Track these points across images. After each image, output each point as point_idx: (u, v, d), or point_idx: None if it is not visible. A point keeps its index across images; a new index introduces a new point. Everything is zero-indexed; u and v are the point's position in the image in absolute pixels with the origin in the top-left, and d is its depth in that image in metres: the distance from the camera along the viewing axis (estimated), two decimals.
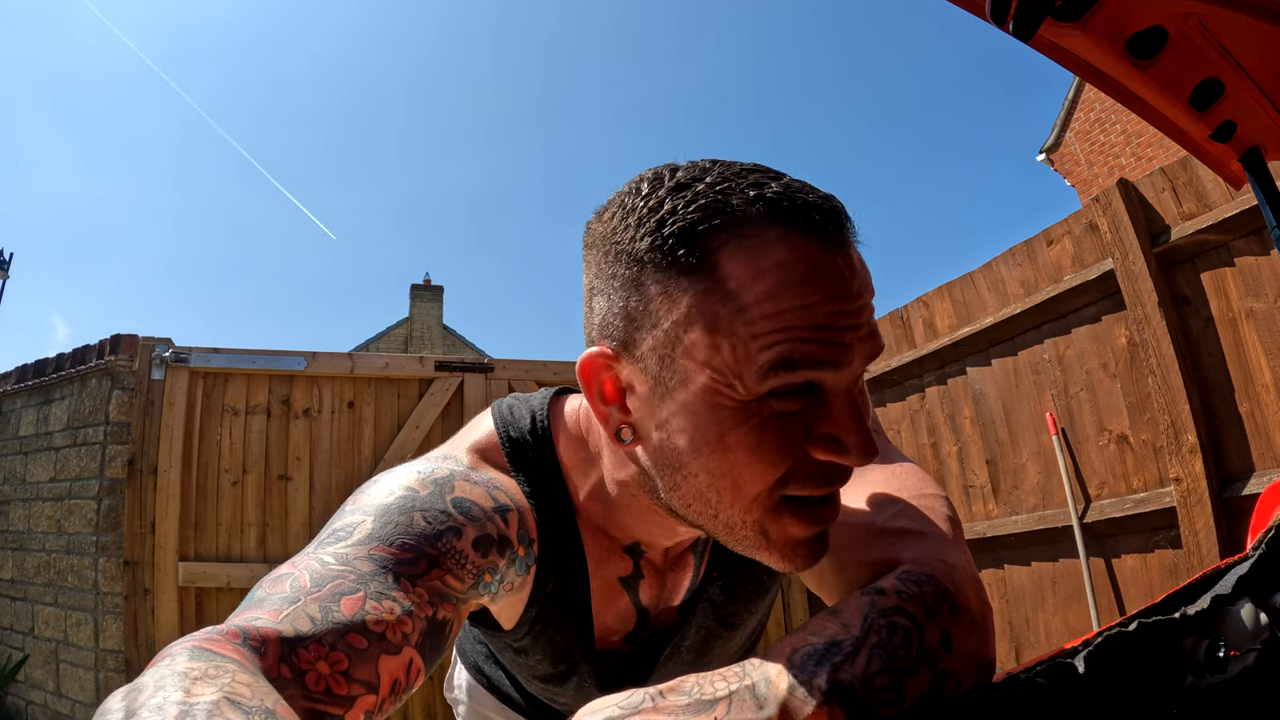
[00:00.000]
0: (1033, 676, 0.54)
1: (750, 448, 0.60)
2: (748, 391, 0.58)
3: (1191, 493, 2.90)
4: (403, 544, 0.64)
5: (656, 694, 0.54)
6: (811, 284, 0.58)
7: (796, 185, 0.62)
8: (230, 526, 4.08)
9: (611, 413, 0.68)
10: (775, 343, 0.57)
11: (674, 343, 0.61)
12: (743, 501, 0.63)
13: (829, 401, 0.60)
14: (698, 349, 0.60)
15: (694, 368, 0.60)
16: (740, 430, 0.60)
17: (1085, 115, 13.55)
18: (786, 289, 0.58)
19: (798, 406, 0.60)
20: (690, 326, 0.60)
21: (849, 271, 0.60)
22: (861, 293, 0.60)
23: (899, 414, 4.28)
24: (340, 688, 0.53)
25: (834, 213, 0.61)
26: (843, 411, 0.60)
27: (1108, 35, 1.01)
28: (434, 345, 20.11)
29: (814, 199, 0.61)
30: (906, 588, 0.60)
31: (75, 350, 4.38)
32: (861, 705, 0.53)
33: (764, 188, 0.60)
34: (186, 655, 0.45)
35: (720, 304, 0.59)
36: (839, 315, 0.58)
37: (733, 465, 0.61)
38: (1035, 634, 3.56)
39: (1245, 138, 1.22)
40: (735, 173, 0.62)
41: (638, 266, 0.62)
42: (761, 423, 0.60)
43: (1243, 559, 0.65)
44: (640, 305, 0.62)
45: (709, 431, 0.61)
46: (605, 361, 0.66)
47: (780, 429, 0.60)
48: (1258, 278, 2.81)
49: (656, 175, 0.64)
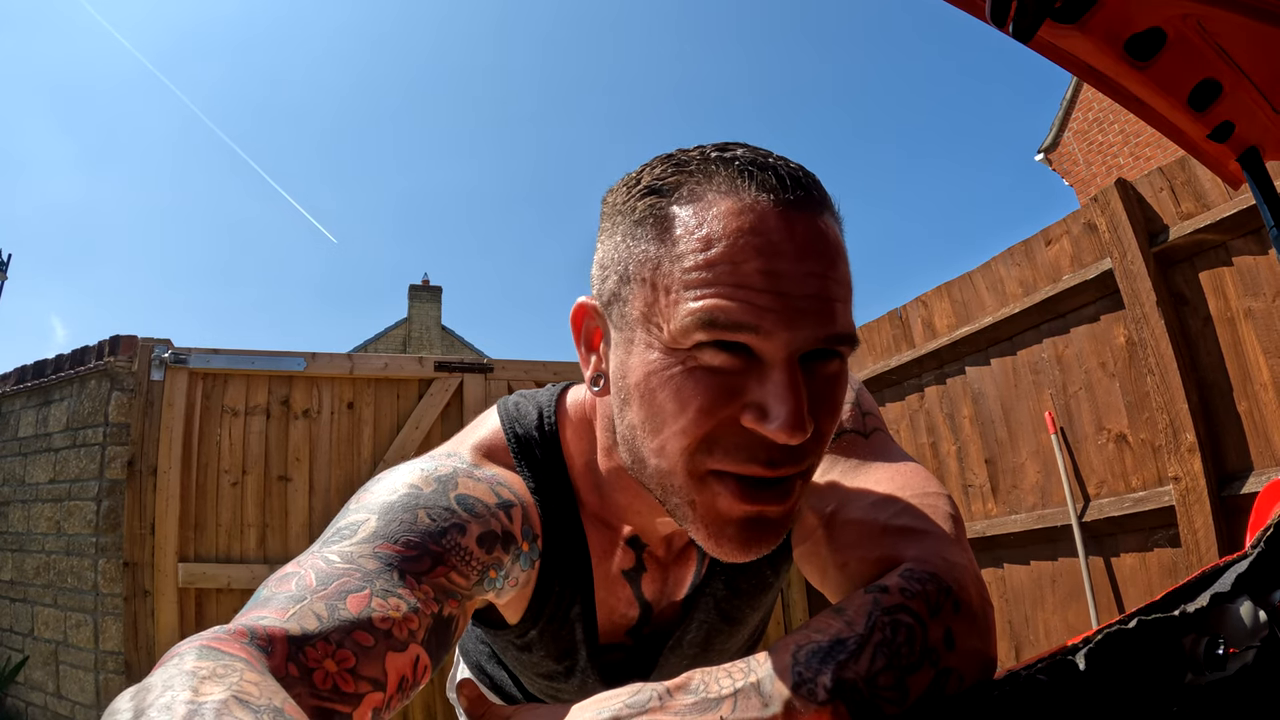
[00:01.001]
0: (1034, 673, 0.54)
1: (672, 395, 0.60)
2: (673, 340, 0.59)
3: (1190, 491, 2.91)
4: (407, 541, 0.65)
5: (664, 692, 0.54)
6: (749, 239, 0.58)
7: (766, 153, 0.63)
8: (230, 527, 4.08)
9: (591, 360, 0.70)
10: (701, 296, 0.57)
11: (624, 287, 0.64)
12: (667, 459, 0.62)
13: (765, 368, 0.58)
14: (639, 294, 0.62)
15: (635, 313, 0.63)
16: (664, 375, 0.60)
17: (1083, 115, 13.56)
18: (722, 239, 0.58)
19: (731, 366, 0.59)
20: (638, 272, 0.62)
21: (797, 232, 0.59)
22: (812, 258, 0.59)
23: (898, 413, 4.29)
24: (348, 685, 0.53)
25: (796, 178, 0.61)
26: (776, 381, 0.58)
27: (1107, 36, 1.01)
28: (433, 346, 20.10)
29: (779, 164, 0.61)
30: (910, 586, 0.60)
31: (74, 351, 4.38)
32: (865, 703, 0.53)
33: (728, 150, 0.62)
34: (194, 654, 0.45)
35: (662, 250, 0.61)
36: (775, 277, 0.57)
37: (656, 413, 0.62)
38: (1035, 633, 3.56)
39: (1243, 138, 1.23)
40: (718, 145, 0.64)
41: (614, 220, 0.66)
42: (686, 373, 0.59)
43: (1242, 557, 0.65)
44: (610, 255, 0.66)
45: (640, 375, 0.62)
46: (589, 310, 0.70)
47: (706, 382, 0.59)
48: (1256, 277, 2.81)
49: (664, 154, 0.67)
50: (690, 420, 0.59)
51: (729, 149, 0.63)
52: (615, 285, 0.65)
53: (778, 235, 0.58)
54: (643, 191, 0.64)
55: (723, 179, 0.60)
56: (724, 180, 0.60)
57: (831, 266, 0.60)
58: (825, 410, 0.62)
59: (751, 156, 0.62)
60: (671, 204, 0.62)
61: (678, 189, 0.62)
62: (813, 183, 0.62)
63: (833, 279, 0.60)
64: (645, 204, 0.63)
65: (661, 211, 0.62)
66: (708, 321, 0.57)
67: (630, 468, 0.68)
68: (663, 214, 0.62)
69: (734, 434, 0.60)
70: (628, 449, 0.67)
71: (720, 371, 0.59)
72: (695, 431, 0.60)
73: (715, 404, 0.59)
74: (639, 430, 0.64)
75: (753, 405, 0.58)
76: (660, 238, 0.61)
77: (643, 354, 0.62)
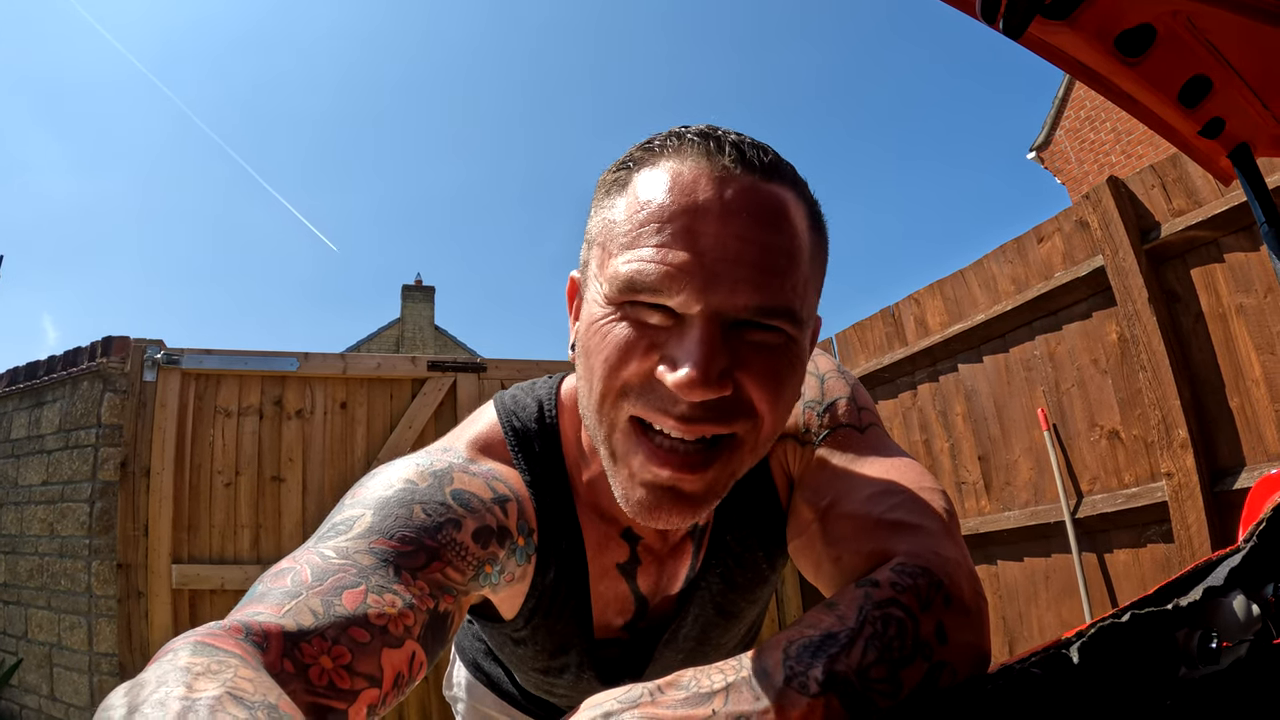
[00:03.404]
0: (1028, 667, 0.55)
1: (599, 343, 0.64)
2: (610, 294, 0.63)
3: (1183, 487, 2.92)
4: (403, 537, 0.65)
5: (655, 689, 0.54)
6: (677, 199, 0.61)
7: (729, 132, 0.66)
8: (223, 528, 4.06)
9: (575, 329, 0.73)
10: (630, 261, 0.61)
11: (588, 251, 0.69)
12: (594, 402, 0.66)
13: (684, 326, 0.61)
14: (595, 256, 0.67)
15: (591, 274, 0.68)
16: (598, 325, 0.64)
17: (1075, 113, 13.59)
18: (654, 201, 0.62)
19: (659, 322, 0.62)
20: (596, 236, 0.68)
21: (729, 198, 0.61)
22: (740, 223, 0.61)
23: (891, 411, 4.30)
24: (344, 681, 0.53)
25: (740, 148, 0.63)
26: (689, 338, 0.60)
27: (1097, 33, 1.02)
28: (425, 345, 20.07)
29: (731, 137, 0.65)
30: (901, 580, 0.60)
31: (66, 353, 4.36)
32: (858, 696, 0.54)
33: (691, 128, 0.66)
34: (189, 650, 0.45)
35: (613, 214, 0.66)
36: (693, 235, 0.60)
37: (589, 361, 0.66)
38: (1029, 628, 3.58)
39: (1234, 134, 1.23)
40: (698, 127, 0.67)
41: (596, 197, 0.71)
42: (614, 321, 0.63)
43: (1234, 551, 0.65)
44: (587, 227, 0.71)
45: (583, 329, 0.67)
46: (573, 281, 0.75)
47: (630, 332, 0.62)
48: (1247, 273, 2.82)
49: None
50: (612, 366, 0.63)
51: (693, 127, 0.66)
52: (585, 253, 0.70)
53: (704, 195, 0.61)
54: (616, 167, 0.69)
55: (673, 150, 0.64)
56: (674, 150, 0.64)
57: (765, 231, 0.62)
58: (762, 381, 0.63)
59: (704, 130, 0.65)
60: (632, 174, 0.66)
61: (641, 162, 0.66)
62: (760, 152, 0.65)
63: (766, 245, 0.61)
64: (612, 177, 0.69)
65: (621, 181, 0.67)
66: (629, 284, 0.61)
67: (585, 425, 0.71)
68: (622, 183, 0.67)
69: (652, 385, 0.62)
70: (582, 405, 0.70)
71: (647, 326, 0.62)
72: (614, 378, 0.63)
73: (634, 353, 0.62)
74: (581, 379, 0.68)
75: (666, 358, 0.61)
76: (614, 203, 0.67)
77: (589, 309, 0.67)
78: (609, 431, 0.66)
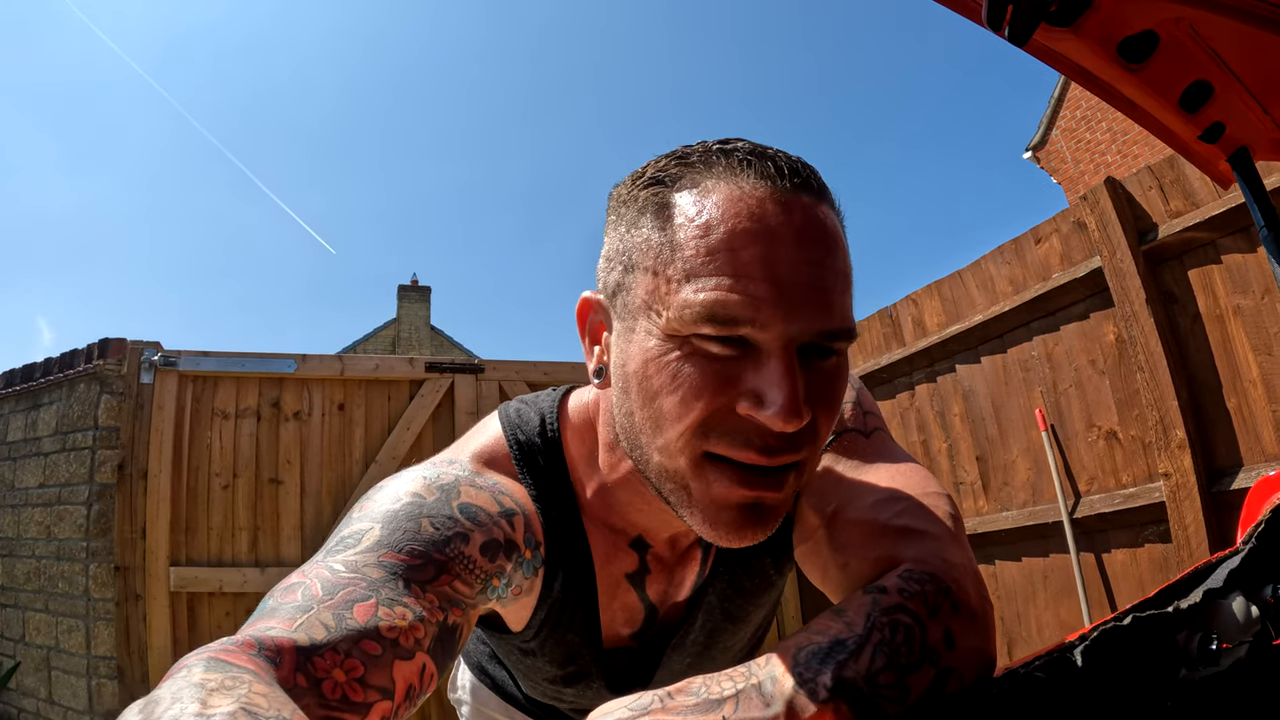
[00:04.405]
0: (1032, 671, 0.55)
1: (668, 381, 0.61)
2: (672, 327, 0.60)
3: (1180, 487, 2.93)
4: (411, 550, 0.65)
5: (665, 695, 0.54)
6: (747, 225, 0.59)
7: (768, 147, 0.64)
8: (221, 530, 4.06)
9: (594, 353, 0.71)
10: (701, 289, 0.58)
11: (627, 277, 0.65)
12: (663, 443, 0.63)
13: (762, 357, 0.59)
14: (640, 282, 0.63)
15: (637, 301, 0.63)
16: (662, 362, 0.61)
17: (1071, 113, 13.62)
18: (720, 225, 0.59)
19: (729, 354, 0.59)
20: (640, 260, 0.64)
21: (796, 220, 0.60)
22: (809, 246, 0.60)
23: (889, 411, 4.30)
24: (357, 695, 0.53)
25: (794, 168, 0.62)
26: (772, 369, 0.58)
27: (1100, 39, 1.02)
28: (422, 346, 20.05)
29: (776, 155, 0.63)
30: (909, 586, 0.61)
31: (63, 355, 4.35)
32: (866, 701, 0.54)
33: (730, 143, 0.64)
34: (202, 666, 0.45)
35: (663, 237, 0.62)
36: (772, 264, 0.58)
37: (653, 398, 0.62)
38: (1027, 629, 3.58)
39: (1234, 138, 1.24)
40: (722, 140, 0.66)
41: (619, 212, 0.68)
42: (683, 359, 0.60)
43: (1233, 553, 0.66)
44: (615, 246, 0.67)
45: (638, 363, 0.63)
46: (593, 304, 0.71)
47: (702, 369, 0.60)
48: (1244, 275, 2.83)
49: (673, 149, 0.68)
50: (687, 406, 0.60)
51: (729, 142, 0.64)
52: (620, 276, 0.66)
53: (775, 221, 0.59)
54: (646, 182, 0.65)
55: (722, 168, 0.62)
56: (724, 169, 0.62)
57: (829, 255, 0.61)
58: (823, 402, 0.62)
59: (750, 147, 0.63)
60: (673, 192, 0.63)
61: (679, 179, 0.63)
62: (811, 173, 0.64)
63: (830, 268, 0.61)
64: (647, 193, 0.65)
65: (662, 199, 0.63)
66: (708, 316, 0.58)
67: (630, 456, 0.69)
68: (663, 201, 0.63)
69: (730, 420, 0.60)
70: (627, 437, 0.68)
71: (718, 359, 0.60)
72: (692, 417, 0.60)
73: (712, 390, 0.60)
74: (637, 416, 0.65)
75: (749, 393, 0.59)
76: (661, 225, 0.63)
77: (642, 340, 0.63)
78: (681, 467, 0.63)
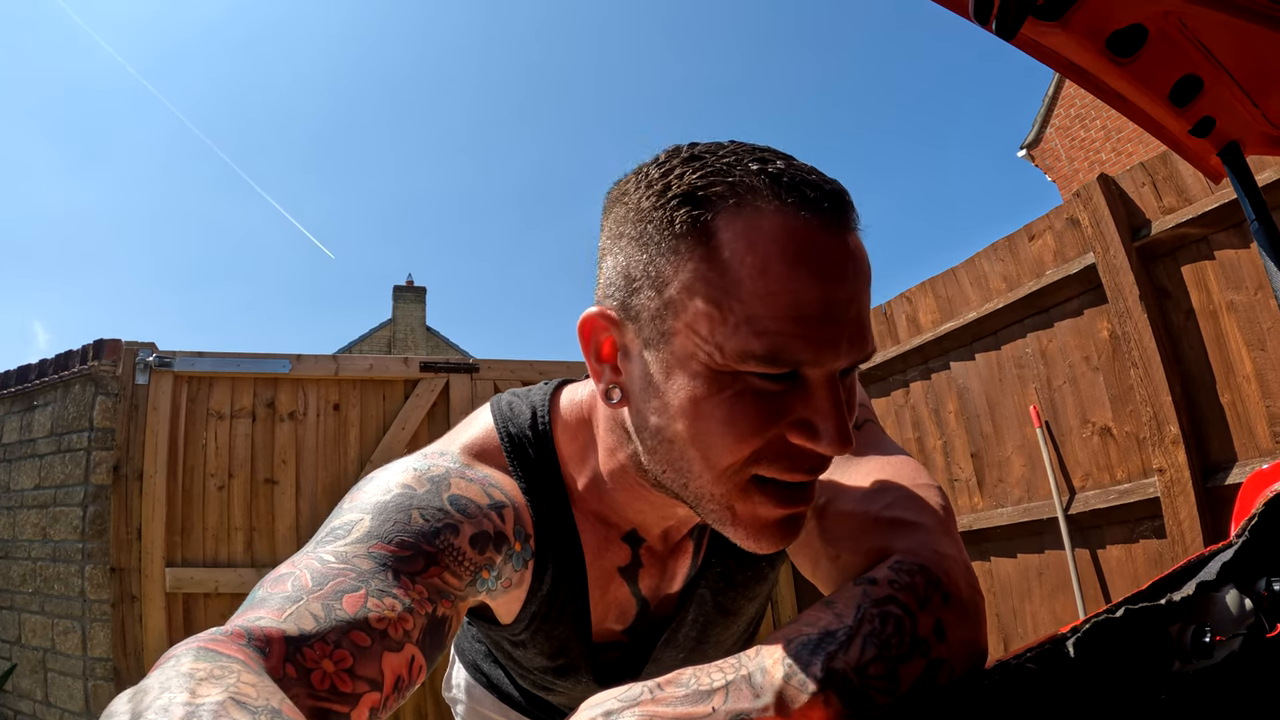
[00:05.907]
0: (1024, 662, 0.55)
1: (723, 418, 0.61)
2: (726, 363, 0.59)
3: (1175, 483, 2.94)
4: (401, 541, 0.65)
5: (655, 686, 0.54)
6: (804, 264, 0.58)
7: (801, 165, 0.63)
8: (217, 531, 4.05)
9: (604, 371, 0.69)
10: (763, 331, 0.57)
11: (666, 305, 0.62)
12: (712, 473, 0.63)
13: (810, 388, 0.60)
14: (685, 314, 0.61)
15: (681, 332, 0.61)
16: (715, 399, 0.61)
17: (1065, 111, 13.66)
18: (778, 265, 0.58)
19: (778, 387, 0.60)
20: (682, 291, 0.61)
21: (844, 255, 0.60)
22: (855, 279, 0.60)
23: (883, 409, 4.31)
24: (345, 685, 0.53)
25: (836, 195, 0.61)
26: (822, 399, 0.60)
27: (1089, 33, 1.02)
28: (417, 347, 20.03)
29: (816, 179, 0.61)
30: (899, 577, 0.61)
31: (58, 356, 4.34)
32: (856, 692, 0.54)
33: (768, 163, 0.61)
34: (191, 656, 0.45)
35: (714, 272, 0.59)
36: (831, 305, 0.58)
37: (704, 434, 0.62)
38: (1022, 625, 3.59)
39: (1224, 132, 1.24)
40: (746, 149, 0.63)
41: (641, 227, 0.64)
42: (737, 395, 0.60)
43: (1227, 546, 0.66)
44: (640, 266, 0.64)
45: (685, 397, 0.62)
46: (604, 321, 0.68)
47: (755, 405, 0.60)
48: (1237, 270, 2.84)
49: (675, 148, 0.66)
50: (743, 442, 0.61)
51: (764, 159, 0.62)
52: (647, 300, 0.63)
53: (831, 260, 0.59)
54: (678, 200, 0.61)
55: (768, 194, 0.59)
56: (769, 195, 0.59)
57: (868, 285, 0.63)
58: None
59: (789, 168, 0.61)
60: (716, 218, 0.60)
61: (720, 201, 0.60)
62: (845, 194, 0.63)
63: (867, 298, 0.62)
64: (684, 215, 0.60)
65: (705, 226, 0.60)
66: (770, 359, 0.58)
67: (661, 478, 0.69)
68: (707, 229, 0.60)
69: (779, 447, 0.62)
70: (665, 463, 0.67)
71: (768, 393, 0.60)
72: (743, 451, 0.61)
73: (765, 425, 0.61)
74: (684, 450, 0.64)
75: (800, 423, 0.61)
76: (707, 256, 0.59)
77: (687, 375, 0.62)
78: (727, 491, 0.64)
